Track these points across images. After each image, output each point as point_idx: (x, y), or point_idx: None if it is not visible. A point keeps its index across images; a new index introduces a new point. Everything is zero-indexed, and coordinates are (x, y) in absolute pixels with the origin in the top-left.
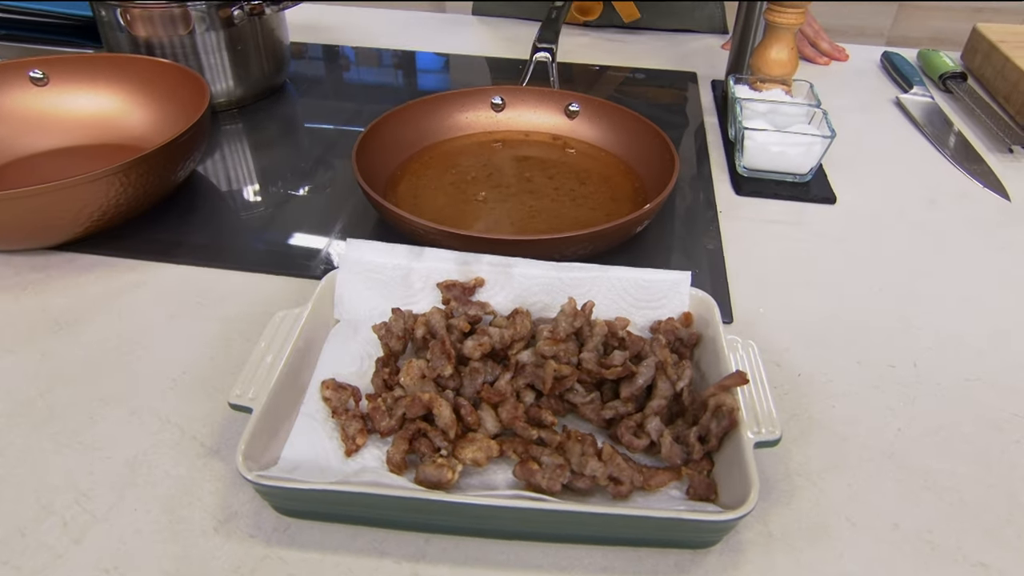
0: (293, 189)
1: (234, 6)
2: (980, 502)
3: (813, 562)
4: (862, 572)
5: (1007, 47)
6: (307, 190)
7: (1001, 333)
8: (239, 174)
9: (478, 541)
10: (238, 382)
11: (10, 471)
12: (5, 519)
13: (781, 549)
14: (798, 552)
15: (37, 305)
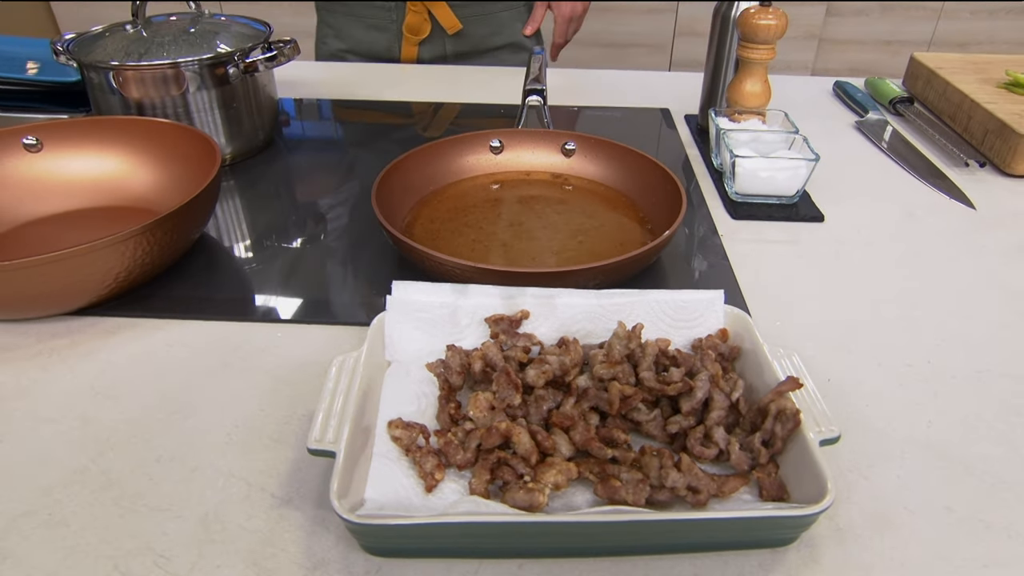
0: (302, 241)
1: (229, 64)
2: (1018, 480)
3: (883, 550)
4: (928, 554)
5: (945, 72)
6: (316, 241)
7: (998, 326)
8: (244, 229)
9: (570, 562)
10: (314, 428)
11: (80, 540)
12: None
13: (852, 541)
14: (867, 542)
15: (67, 372)
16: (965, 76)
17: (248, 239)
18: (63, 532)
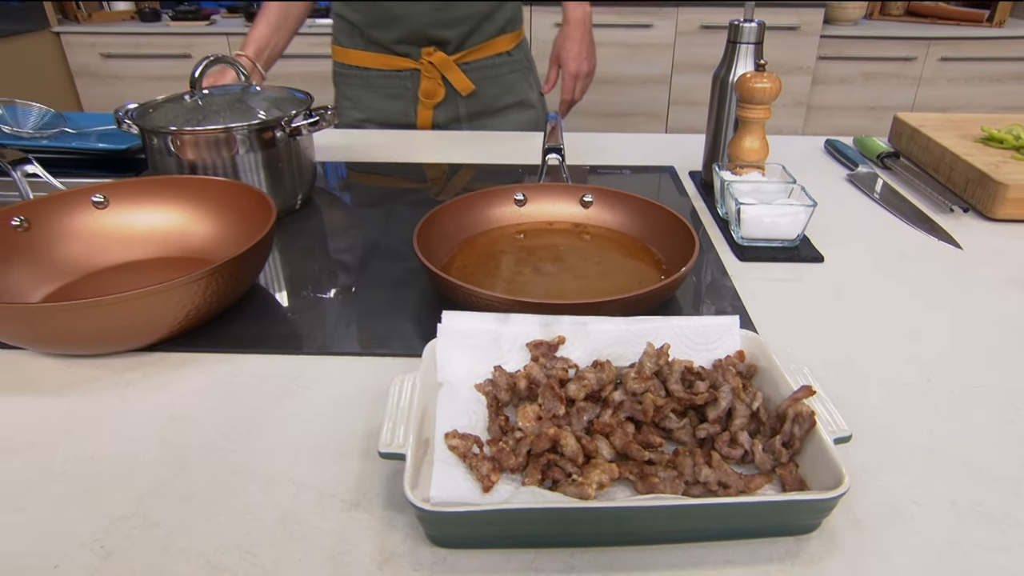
0: (343, 286)
1: (276, 129)
2: (1014, 477)
3: (896, 537)
4: (938, 541)
5: (927, 129)
6: (357, 286)
7: (989, 348)
8: (290, 276)
9: (616, 550)
10: (383, 435)
11: (172, 539)
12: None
13: (868, 531)
14: (882, 531)
15: (143, 400)
16: (945, 132)
17: (294, 285)
18: (156, 532)
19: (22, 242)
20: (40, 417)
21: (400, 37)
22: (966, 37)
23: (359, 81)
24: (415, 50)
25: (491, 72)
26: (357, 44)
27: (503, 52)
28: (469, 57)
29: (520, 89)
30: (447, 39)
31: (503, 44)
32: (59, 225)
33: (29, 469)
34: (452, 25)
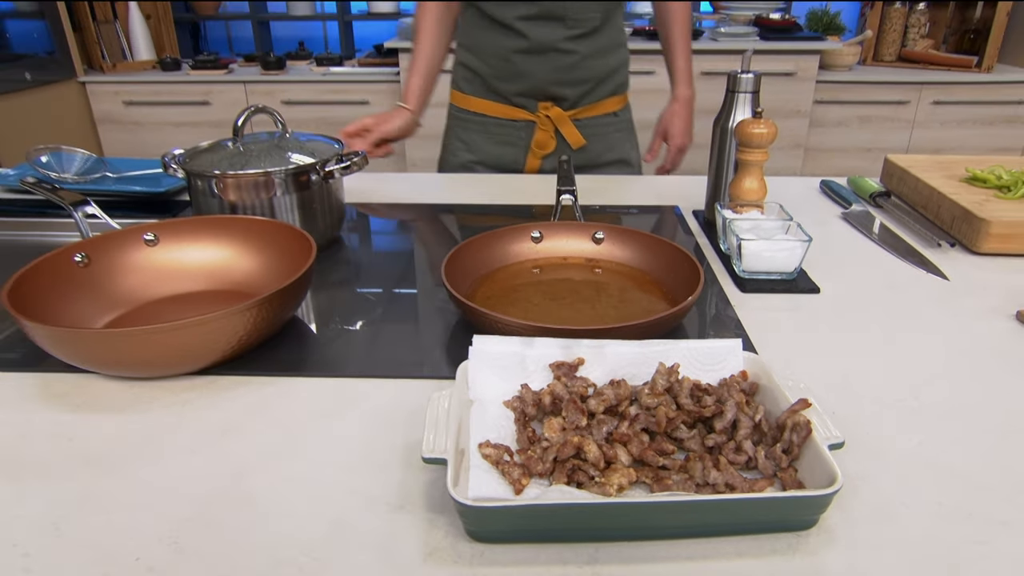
0: (373, 317)
1: (312, 173)
2: (995, 482)
3: (887, 533)
4: (925, 537)
5: (916, 170)
6: (386, 317)
7: (973, 369)
8: (324, 307)
9: (636, 544)
10: (426, 442)
11: (238, 538)
12: (249, 572)
13: (861, 527)
14: (875, 528)
15: (199, 417)
16: (932, 173)
17: (329, 314)
18: (221, 531)
19: (83, 276)
20: (115, 431)
21: (522, 91)
22: (956, 82)
23: (476, 126)
24: (533, 103)
25: (599, 130)
26: (478, 92)
27: (611, 112)
28: (582, 114)
29: (623, 148)
30: (565, 96)
31: (612, 105)
32: (115, 261)
33: (110, 476)
34: (572, 85)
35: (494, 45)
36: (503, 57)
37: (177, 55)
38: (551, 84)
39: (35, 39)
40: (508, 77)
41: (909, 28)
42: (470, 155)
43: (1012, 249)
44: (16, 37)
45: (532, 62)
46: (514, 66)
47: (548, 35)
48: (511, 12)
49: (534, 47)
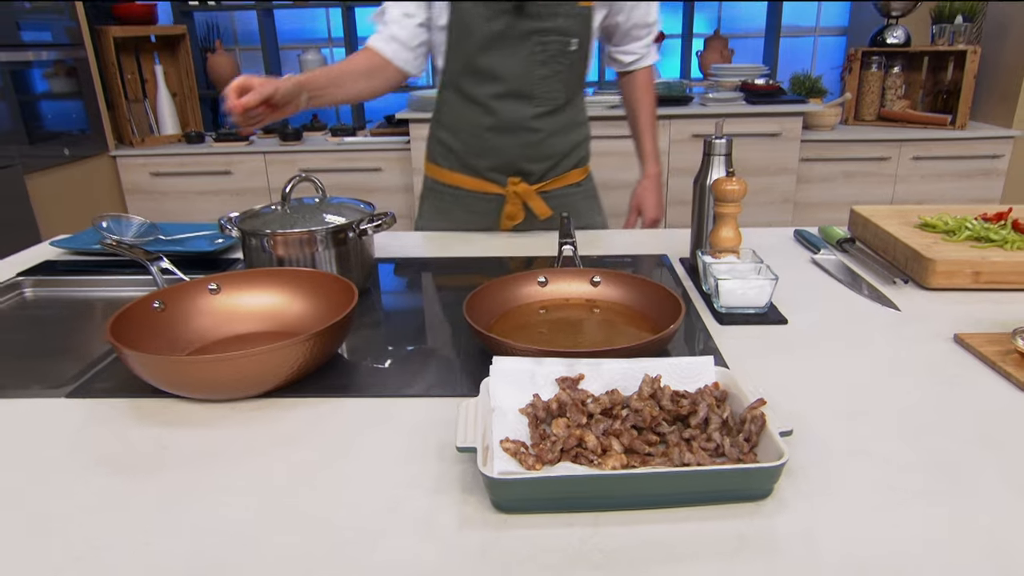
0: (406, 348)
1: (348, 231)
2: (917, 465)
3: (829, 503)
4: (858, 505)
5: (876, 219)
6: (417, 348)
7: (916, 384)
8: (361, 345)
9: (628, 513)
10: (458, 436)
11: (308, 515)
12: (324, 537)
13: (808, 498)
14: (819, 499)
15: (264, 431)
16: (890, 220)
17: (367, 348)
18: (294, 510)
19: (160, 320)
20: (199, 441)
21: (492, 166)
22: (933, 139)
23: (450, 198)
24: (503, 178)
25: (564, 200)
26: (453, 166)
27: (575, 183)
28: (548, 187)
29: (588, 215)
30: (532, 171)
31: (575, 176)
32: (186, 307)
33: (200, 472)
34: (538, 160)
35: (469, 123)
36: (476, 134)
37: (201, 129)
38: (519, 160)
39: (72, 118)
40: (480, 153)
41: (887, 90)
42: (444, 222)
43: (955, 284)
44: (55, 116)
45: (502, 139)
46: (486, 142)
47: (517, 112)
48: (486, 90)
49: (504, 124)
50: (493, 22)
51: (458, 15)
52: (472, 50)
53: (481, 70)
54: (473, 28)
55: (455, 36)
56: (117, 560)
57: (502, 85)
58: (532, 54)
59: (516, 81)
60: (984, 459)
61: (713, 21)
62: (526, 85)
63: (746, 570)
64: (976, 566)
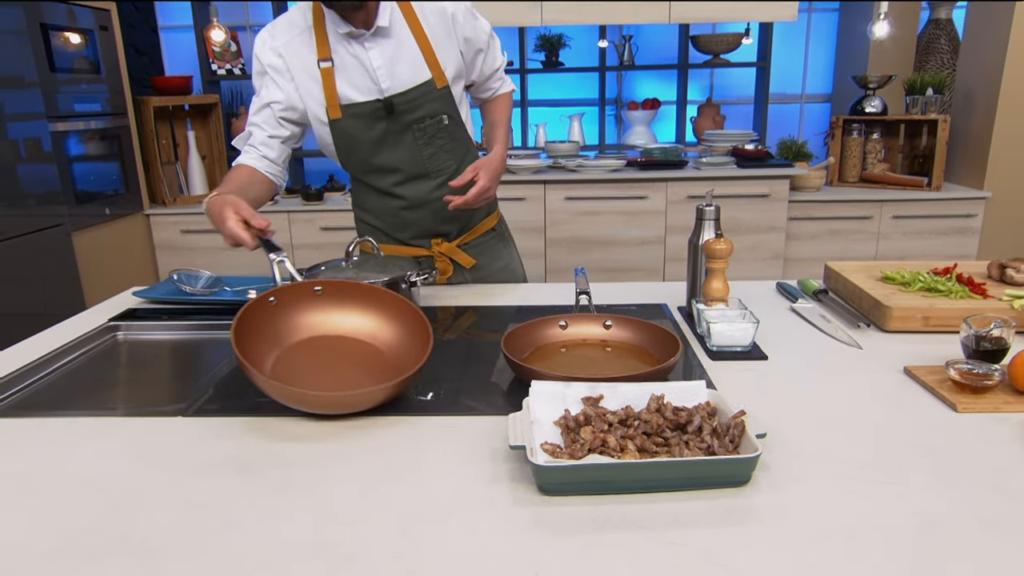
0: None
1: (402, 282)
2: (871, 463)
3: (797, 488)
4: (822, 490)
5: (846, 273)
6: (463, 379)
7: (872, 405)
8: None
9: (641, 495)
10: (511, 437)
11: (392, 500)
12: (413, 513)
13: (781, 485)
14: (789, 485)
15: (362, 441)
16: (857, 275)
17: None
18: (384, 496)
19: (273, 312)
20: (304, 448)
21: (413, 235)
22: (911, 199)
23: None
24: (426, 242)
25: (484, 247)
26: (382, 240)
27: (490, 229)
28: (466, 239)
29: (505, 255)
30: (448, 231)
31: (488, 224)
32: (294, 303)
33: (312, 472)
34: (450, 222)
35: (382, 207)
36: (392, 214)
37: None
38: (434, 225)
39: (113, 179)
40: (400, 228)
41: (868, 154)
42: None
43: (908, 327)
44: (98, 178)
45: (415, 214)
46: (402, 219)
47: (419, 191)
48: (387, 181)
49: (412, 203)
50: (373, 129)
51: (340, 131)
52: (364, 154)
53: (377, 167)
54: (358, 137)
55: (345, 147)
56: (249, 535)
57: (399, 174)
58: (414, 140)
59: (409, 167)
60: (919, 459)
61: (706, 89)
62: (419, 167)
63: (730, 531)
64: (905, 532)
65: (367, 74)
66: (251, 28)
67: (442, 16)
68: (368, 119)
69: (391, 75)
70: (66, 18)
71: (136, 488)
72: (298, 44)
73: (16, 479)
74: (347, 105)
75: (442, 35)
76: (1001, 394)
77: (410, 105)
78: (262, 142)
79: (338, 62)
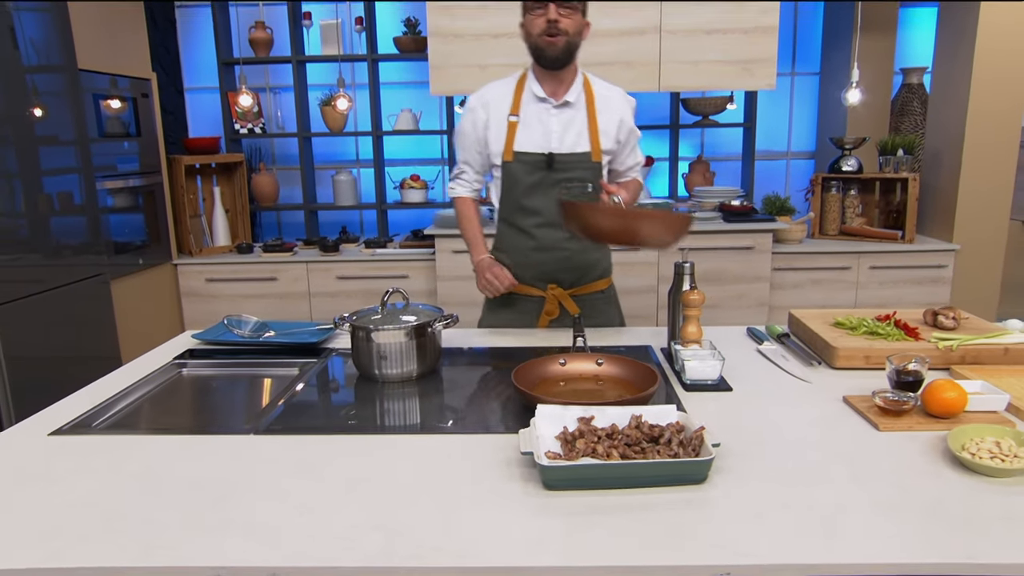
0: (469, 408)
1: (428, 327)
2: (805, 471)
3: (745, 486)
4: (765, 490)
5: (805, 319)
6: (474, 406)
7: (815, 430)
8: (438, 405)
9: (623, 490)
10: (522, 445)
11: (437, 490)
12: (443, 501)
13: (733, 483)
14: (740, 483)
15: (401, 449)
16: (814, 321)
17: (442, 408)
18: (425, 493)
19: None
20: (357, 458)
21: (535, 276)
22: (887, 251)
23: (504, 300)
24: (543, 284)
25: (590, 303)
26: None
27: (599, 290)
28: (578, 292)
29: (607, 315)
30: (564, 279)
31: (600, 285)
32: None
33: (366, 470)
34: (568, 271)
35: (518, 245)
36: (523, 253)
37: (250, 240)
38: (554, 271)
39: (146, 232)
40: (526, 267)
41: (846, 208)
42: (496, 320)
43: (852, 365)
44: (132, 230)
45: (542, 256)
46: (530, 259)
47: (551, 237)
48: (529, 222)
49: (543, 245)
50: (532, 176)
51: (508, 172)
52: (518, 195)
53: (525, 207)
54: (519, 179)
55: (507, 185)
56: (319, 517)
57: (540, 218)
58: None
59: (549, 214)
60: (842, 465)
61: (697, 146)
62: (557, 216)
63: (689, 514)
64: (823, 512)
65: (543, 133)
66: (271, 90)
67: (615, 111)
68: (531, 167)
69: (561, 139)
70: (111, 87)
71: (232, 483)
72: (500, 100)
73: (133, 479)
74: (519, 152)
75: (609, 124)
76: (916, 417)
77: (566, 165)
78: (470, 180)
79: (524, 118)
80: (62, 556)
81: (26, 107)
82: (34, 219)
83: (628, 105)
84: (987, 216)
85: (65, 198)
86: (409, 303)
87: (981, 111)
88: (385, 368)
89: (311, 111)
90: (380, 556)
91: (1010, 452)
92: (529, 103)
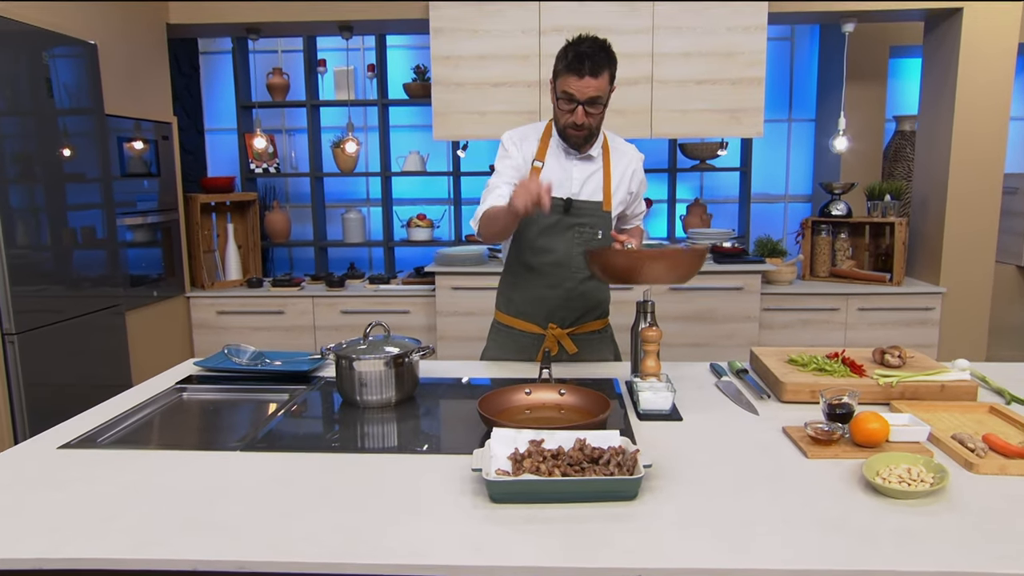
0: (438, 431)
1: (406, 357)
2: (736, 490)
3: (673, 501)
4: (692, 505)
5: (761, 356)
6: (447, 432)
7: (755, 456)
8: (413, 428)
9: (562, 504)
10: (474, 463)
11: (401, 499)
12: (410, 506)
13: (662, 500)
14: (669, 500)
15: (376, 466)
16: (770, 358)
17: (416, 432)
18: (394, 500)
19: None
20: (343, 473)
21: (538, 313)
22: (875, 293)
23: (505, 334)
24: (544, 322)
25: (588, 341)
26: (512, 313)
27: (597, 330)
28: (576, 331)
29: (603, 351)
30: (564, 318)
31: (596, 325)
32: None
33: (347, 482)
34: (568, 311)
35: (527, 282)
36: (531, 289)
37: (260, 275)
38: (557, 309)
39: (160, 265)
40: (532, 305)
41: (836, 251)
42: (501, 353)
43: (799, 399)
44: (148, 264)
45: (549, 292)
46: (537, 296)
47: (559, 276)
48: (541, 260)
49: (551, 284)
50: (550, 217)
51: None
52: (534, 233)
53: (538, 246)
54: (537, 220)
55: (524, 224)
56: (292, 519)
57: (551, 256)
58: (572, 239)
59: (560, 254)
60: (768, 486)
61: (696, 189)
62: (567, 258)
63: (619, 526)
64: (743, 524)
65: (564, 179)
66: (286, 132)
67: (628, 165)
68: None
69: (580, 187)
70: (134, 130)
71: (217, 491)
72: (527, 144)
73: (131, 487)
74: None
75: (622, 178)
76: (843, 446)
77: (581, 212)
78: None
79: (548, 163)
80: (63, 549)
81: (56, 148)
82: (58, 252)
83: (639, 160)
84: (973, 259)
85: (87, 233)
86: (390, 335)
87: (963, 159)
88: (365, 395)
89: (324, 152)
90: (340, 553)
91: (918, 477)
92: (554, 151)
